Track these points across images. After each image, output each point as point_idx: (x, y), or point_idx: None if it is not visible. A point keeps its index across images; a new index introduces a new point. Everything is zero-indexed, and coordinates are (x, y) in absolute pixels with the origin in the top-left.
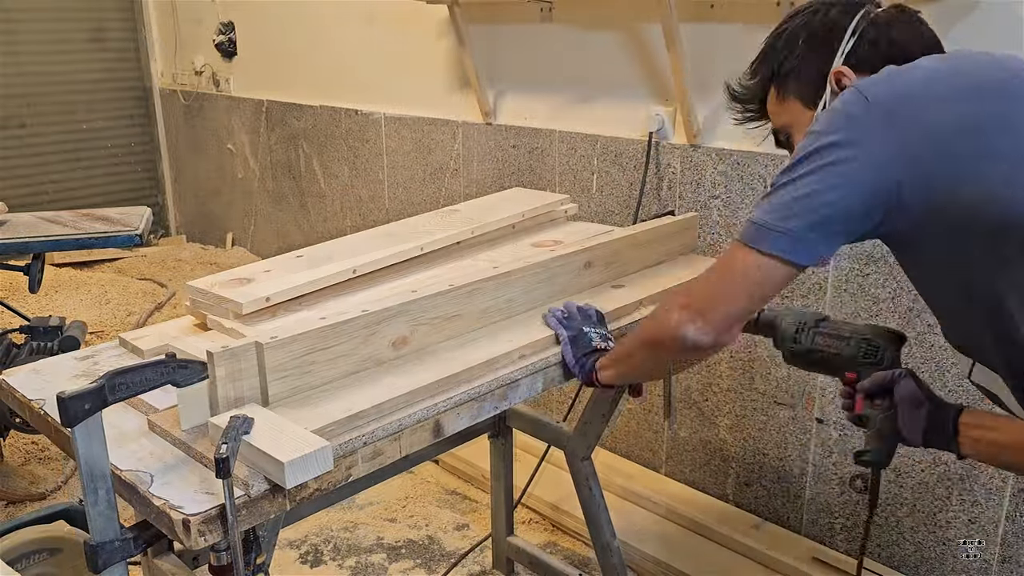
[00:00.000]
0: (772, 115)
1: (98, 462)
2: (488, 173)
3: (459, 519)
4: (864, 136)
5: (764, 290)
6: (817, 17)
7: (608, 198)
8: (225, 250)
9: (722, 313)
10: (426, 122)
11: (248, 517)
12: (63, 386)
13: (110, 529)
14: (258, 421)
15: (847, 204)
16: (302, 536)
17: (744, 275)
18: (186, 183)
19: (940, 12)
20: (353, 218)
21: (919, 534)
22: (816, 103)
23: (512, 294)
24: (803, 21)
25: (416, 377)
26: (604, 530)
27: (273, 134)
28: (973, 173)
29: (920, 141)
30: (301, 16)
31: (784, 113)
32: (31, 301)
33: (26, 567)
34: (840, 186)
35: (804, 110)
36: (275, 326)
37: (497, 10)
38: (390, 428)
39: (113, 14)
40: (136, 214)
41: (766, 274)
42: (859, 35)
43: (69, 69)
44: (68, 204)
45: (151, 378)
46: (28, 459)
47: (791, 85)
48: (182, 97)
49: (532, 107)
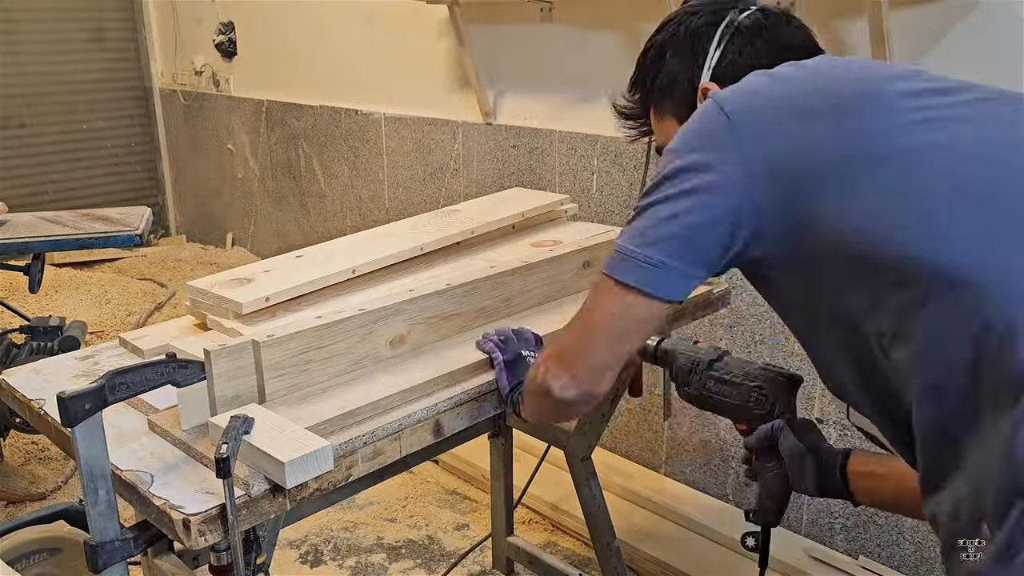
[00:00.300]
0: (654, 132)
1: (98, 462)
2: (488, 173)
3: (459, 519)
4: (721, 154)
5: (629, 334)
6: (682, 28)
7: (608, 198)
8: (225, 250)
9: (587, 365)
10: (426, 122)
11: (248, 517)
12: (63, 386)
13: (110, 529)
14: (258, 421)
15: (707, 227)
16: (302, 536)
17: (605, 318)
18: (186, 183)
19: (940, 12)
20: (353, 218)
21: (919, 534)
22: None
23: (510, 293)
24: (669, 34)
25: (413, 375)
26: (604, 530)
27: (273, 134)
28: (835, 197)
29: (780, 159)
30: (301, 16)
31: (662, 131)
32: (31, 301)
33: (26, 567)
34: (698, 209)
35: (680, 128)
36: (275, 326)
37: (497, 10)
38: (390, 428)
39: (113, 14)
40: (136, 214)
41: (628, 314)
42: (724, 46)
43: (69, 69)
44: (68, 204)
45: (151, 378)
46: (28, 459)
47: (666, 103)
48: (182, 97)
49: (532, 107)
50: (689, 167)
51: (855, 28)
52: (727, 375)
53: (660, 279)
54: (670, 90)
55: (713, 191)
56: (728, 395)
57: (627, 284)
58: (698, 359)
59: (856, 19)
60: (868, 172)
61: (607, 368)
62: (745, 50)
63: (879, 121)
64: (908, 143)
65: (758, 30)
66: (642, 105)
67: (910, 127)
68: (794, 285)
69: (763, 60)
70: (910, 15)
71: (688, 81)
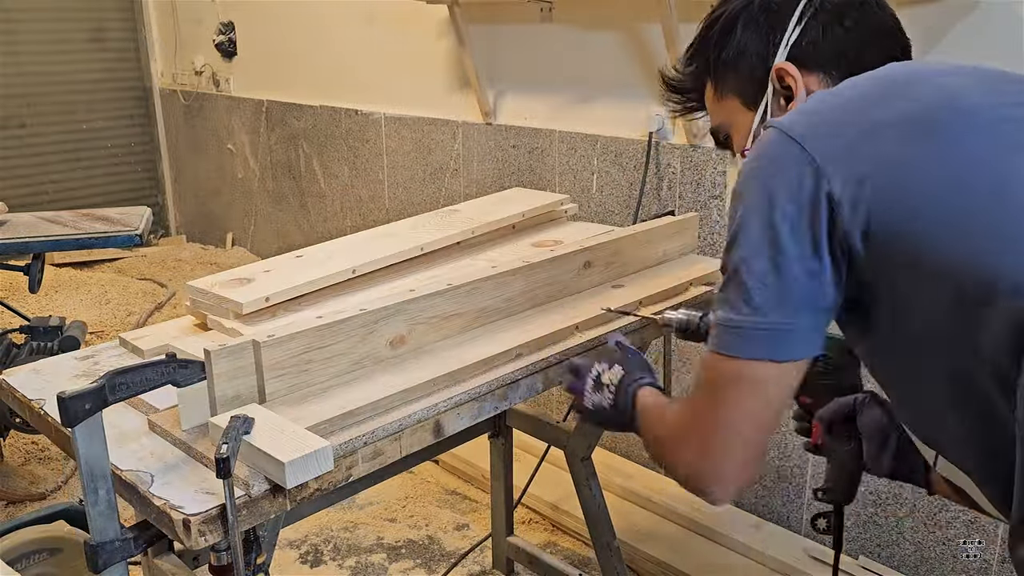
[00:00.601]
0: (710, 112)
1: (98, 462)
2: (488, 173)
3: (459, 519)
4: (801, 182)
5: (770, 409)
6: (758, 0)
7: (608, 198)
8: (225, 250)
9: (736, 467)
10: (426, 122)
11: (248, 517)
12: (63, 386)
13: (110, 529)
14: (258, 421)
15: (808, 269)
16: (302, 536)
17: (740, 404)
18: (186, 183)
19: (940, 12)
20: (353, 218)
21: (919, 534)
22: (757, 103)
23: (511, 293)
24: (742, 4)
25: (413, 375)
26: (604, 530)
27: (273, 134)
28: (934, 225)
29: (871, 181)
30: (301, 16)
31: (721, 111)
32: (31, 301)
33: (26, 567)
34: (794, 257)
35: (744, 109)
36: (275, 326)
37: (497, 10)
38: (390, 428)
39: (113, 14)
40: (136, 214)
41: (769, 392)
42: (805, 24)
43: (69, 69)
44: (68, 204)
45: (151, 378)
46: (28, 459)
47: (729, 80)
48: (182, 97)
49: (532, 107)
50: (770, 210)
51: None
52: None
53: (786, 343)
54: (735, 65)
55: (802, 231)
56: None
57: (754, 360)
58: None
59: None
60: (968, 199)
61: (755, 460)
62: (831, 29)
63: (978, 144)
64: (1008, 168)
65: (846, 8)
66: (697, 79)
67: (1009, 148)
68: (889, 321)
69: (852, 42)
70: (910, 15)
71: (760, 57)
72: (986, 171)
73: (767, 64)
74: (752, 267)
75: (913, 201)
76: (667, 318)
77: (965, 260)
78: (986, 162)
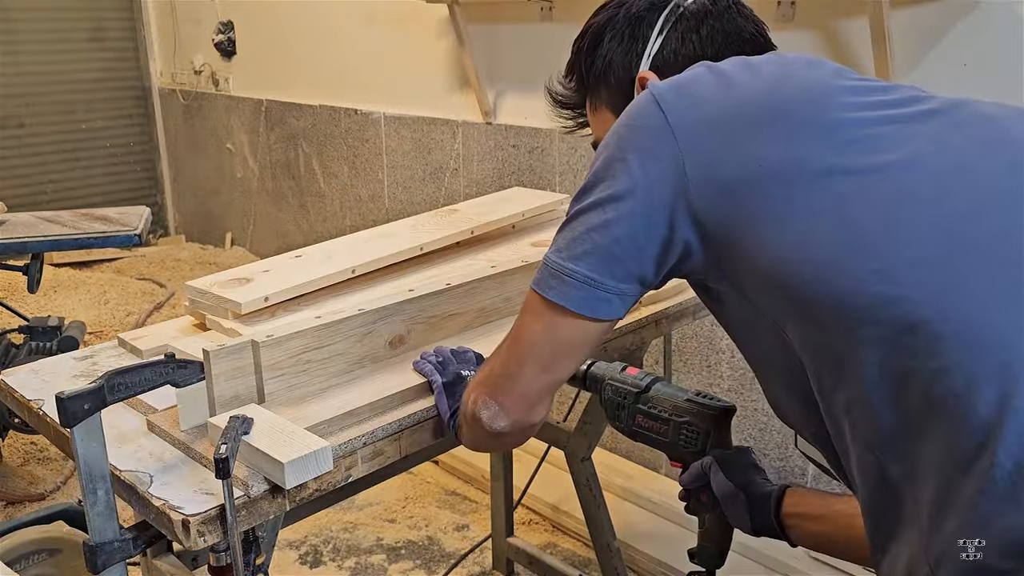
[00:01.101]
0: (590, 124)
1: (97, 462)
2: (488, 173)
3: (459, 520)
4: (656, 157)
5: (558, 360)
6: (622, 11)
7: None
8: (224, 250)
9: (515, 395)
10: (426, 122)
11: (248, 517)
12: (62, 386)
13: (109, 529)
14: (257, 421)
15: (640, 239)
16: (302, 536)
17: (533, 343)
18: (185, 183)
19: (940, 12)
20: (353, 218)
21: None
22: None
23: (510, 293)
24: (609, 16)
25: (412, 375)
26: (604, 530)
27: (272, 134)
28: (775, 216)
29: (720, 166)
30: (300, 16)
31: (597, 123)
32: (30, 301)
33: (25, 567)
34: (627, 219)
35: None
36: (274, 326)
37: (497, 10)
38: (390, 428)
39: (112, 14)
40: (135, 214)
41: (557, 337)
42: (666, 34)
43: (68, 69)
44: (67, 204)
45: (150, 378)
46: (27, 459)
47: (601, 92)
48: (181, 97)
49: (532, 107)
50: (621, 170)
51: (855, 28)
52: (654, 409)
53: (589, 298)
54: (606, 77)
55: (645, 198)
56: (658, 431)
57: (554, 303)
58: (626, 390)
59: (856, 19)
60: (813, 192)
61: (537, 400)
62: (689, 38)
63: (829, 137)
64: (858, 163)
65: (704, 17)
66: (579, 93)
67: (863, 144)
68: (736, 302)
69: (708, 50)
70: (910, 15)
71: (625, 68)
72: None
73: (632, 75)
74: (588, 219)
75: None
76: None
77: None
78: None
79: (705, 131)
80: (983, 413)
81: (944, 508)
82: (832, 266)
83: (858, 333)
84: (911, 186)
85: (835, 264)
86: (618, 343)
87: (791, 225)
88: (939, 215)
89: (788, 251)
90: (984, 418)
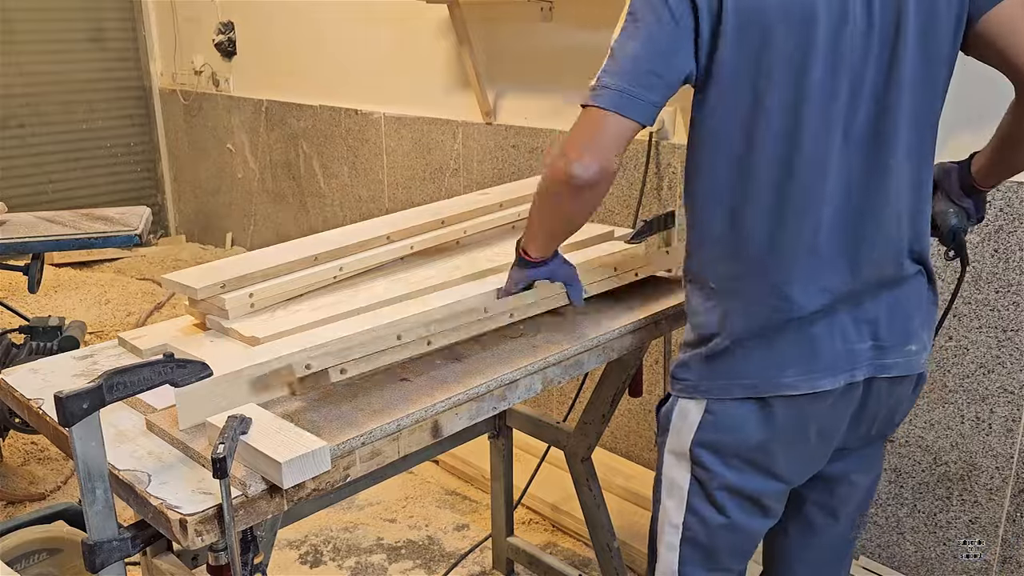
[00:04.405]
0: None
1: (96, 462)
2: (488, 173)
3: (459, 519)
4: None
5: (603, 138)
6: None
7: (608, 198)
8: (225, 250)
9: (598, 146)
10: (426, 122)
11: (246, 517)
12: (62, 385)
13: (108, 529)
14: (256, 421)
15: (669, 59)
16: (302, 536)
17: (588, 125)
18: (185, 183)
19: None
20: (353, 218)
21: (919, 534)
22: None
23: None
24: None
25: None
26: (604, 530)
27: (273, 134)
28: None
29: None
30: (301, 16)
31: None
32: (31, 301)
33: (26, 567)
34: (657, 40)
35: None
36: (273, 326)
37: (497, 10)
38: (388, 428)
39: (112, 14)
40: (135, 214)
41: (604, 125)
42: None
43: (69, 69)
44: (68, 204)
45: (149, 378)
46: (27, 459)
47: None
48: (182, 97)
49: (532, 107)
50: (650, 5)
51: None
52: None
53: (629, 104)
54: None
55: (673, 25)
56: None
57: (604, 108)
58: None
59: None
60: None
61: (612, 150)
62: None
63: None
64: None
65: None
66: None
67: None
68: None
69: None
70: None
71: None
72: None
73: None
74: (625, 48)
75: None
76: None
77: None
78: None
79: None
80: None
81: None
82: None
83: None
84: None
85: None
86: (618, 343)
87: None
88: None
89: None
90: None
